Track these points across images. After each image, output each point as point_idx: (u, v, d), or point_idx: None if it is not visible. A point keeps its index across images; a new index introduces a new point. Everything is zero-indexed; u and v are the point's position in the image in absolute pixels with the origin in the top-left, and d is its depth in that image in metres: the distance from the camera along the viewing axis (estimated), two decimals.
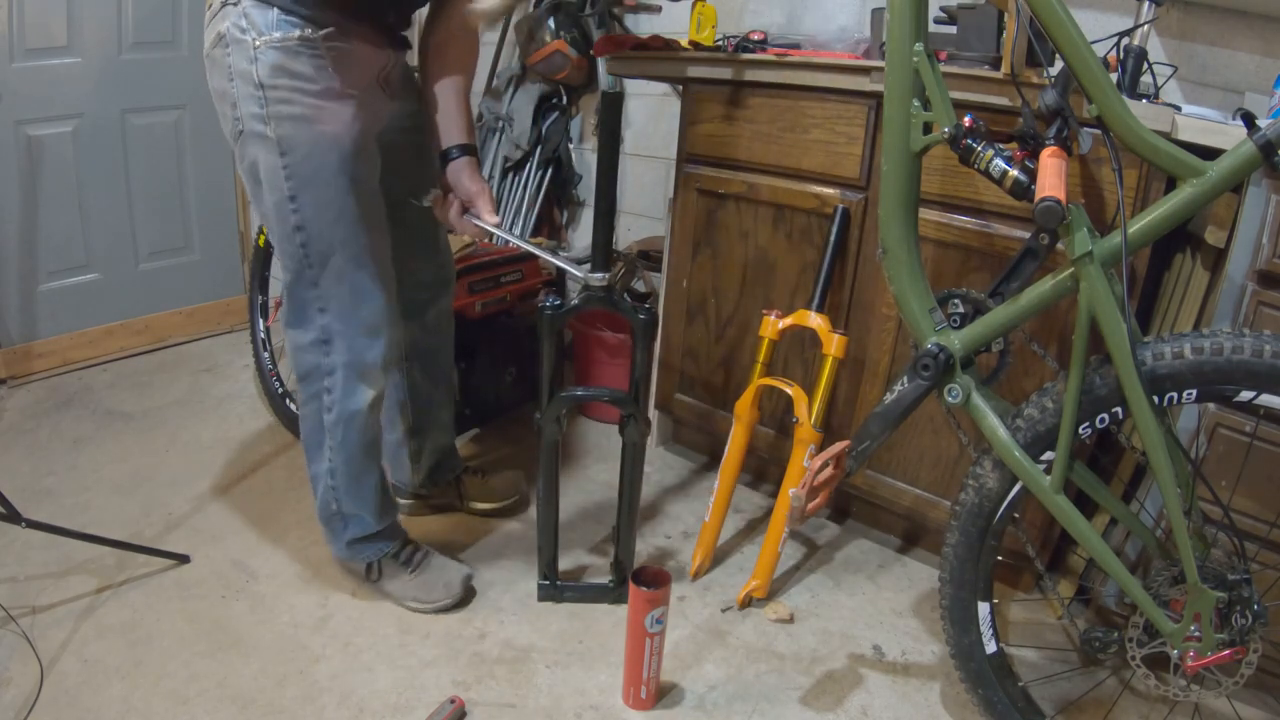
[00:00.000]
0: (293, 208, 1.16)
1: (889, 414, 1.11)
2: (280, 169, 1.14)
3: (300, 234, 1.18)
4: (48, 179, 2.15)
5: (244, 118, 1.13)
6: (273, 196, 1.16)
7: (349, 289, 1.22)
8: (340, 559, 1.43)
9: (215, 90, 1.16)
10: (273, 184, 1.15)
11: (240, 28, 1.08)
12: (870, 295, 1.53)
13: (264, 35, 1.08)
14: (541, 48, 2.41)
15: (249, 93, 1.11)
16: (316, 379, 1.28)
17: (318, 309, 1.23)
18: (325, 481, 1.35)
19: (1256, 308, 1.14)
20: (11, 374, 2.19)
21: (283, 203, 1.16)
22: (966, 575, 1.10)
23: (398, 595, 1.40)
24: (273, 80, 1.10)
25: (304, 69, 1.11)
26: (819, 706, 1.25)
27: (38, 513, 1.34)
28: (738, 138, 1.62)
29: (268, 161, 1.14)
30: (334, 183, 1.16)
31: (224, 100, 1.15)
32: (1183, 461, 0.99)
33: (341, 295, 1.22)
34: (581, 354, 2.17)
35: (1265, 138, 0.83)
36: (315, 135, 1.13)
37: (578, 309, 1.28)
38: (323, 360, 1.26)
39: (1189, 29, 1.55)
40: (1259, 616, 0.93)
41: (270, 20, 1.08)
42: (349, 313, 1.24)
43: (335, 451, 1.32)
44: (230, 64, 1.10)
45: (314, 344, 1.26)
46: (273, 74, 1.10)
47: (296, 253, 1.19)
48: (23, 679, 1.18)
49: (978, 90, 1.27)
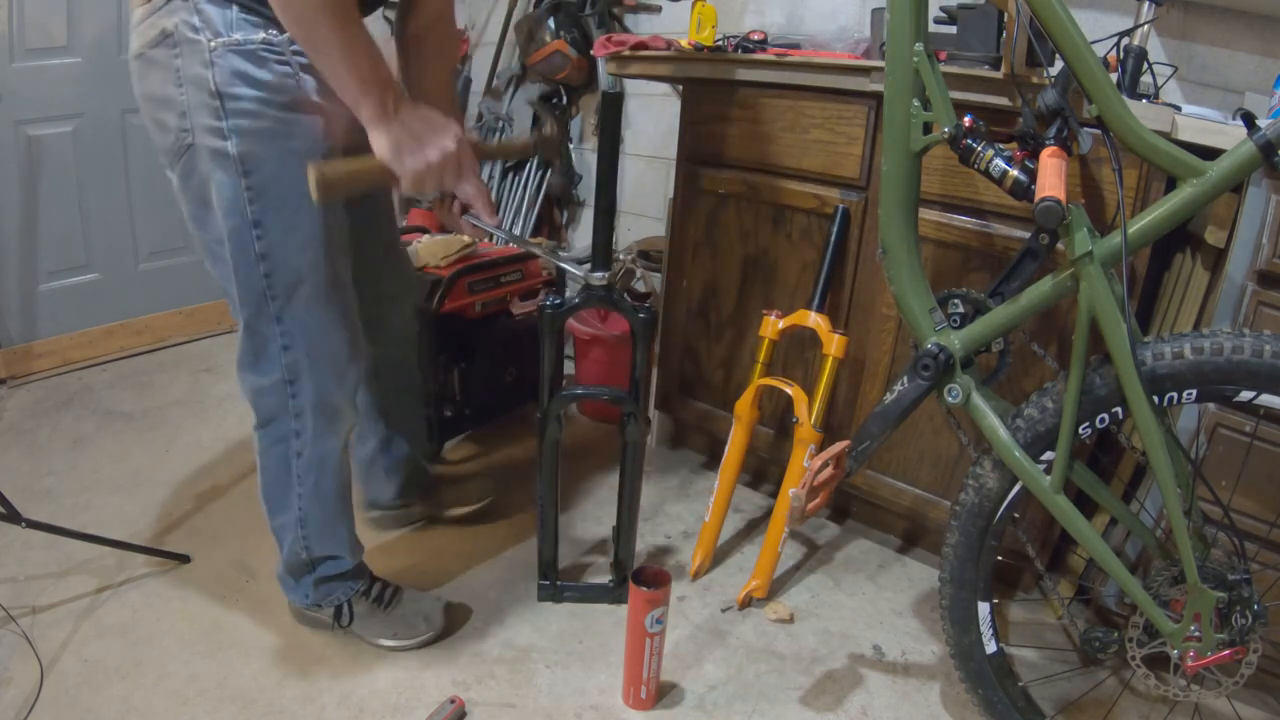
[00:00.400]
0: (257, 234, 1.04)
1: (889, 414, 1.11)
2: (243, 191, 1.01)
3: (264, 263, 1.05)
4: (48, 179, 2.15)
5: (195, 130, 1.00)
6: (231, 221, 1.03)
7: (316, 322, 1.11)
8: (304, 607, 1.31)
9: (153, 96, 1.02)
10: (232, 208, 1.02)
11: (192, 26, 0.95)
12: (870, 295, 1.53)
13: (221, 37, 0.96)
14: (541, 48, 2.41)
15: (203, 102, 0.98)
16: (282, 423, 1.16)
17: (281, 346, 1.11)
18: (295, 532, 1.23)
19: (1256, 308, 1.14)
20: (11, 374, 2.19)
21: (244, 229, 1.03)
22: (966, 575, 1.10)
23: (373, 636, 1.31)
24: (232, 88, 0.97)
25: (268, 77, 0.99)
26: (819, 706, 1.25)
27: (38, 513, 1.34)
28: (738, 138, 1.62)
29: (225, 182, 1.01)
30: (303, 206, 1.01)
31: (166, 108, 1.01)
32: (1183, 461, 0.99)
33: (308, 329, 1.11)
34: (582, 354, 2.17)
35: (1265, 138, 0.83)
36: (283, 152, 1.01)
37: (578, 307, 1.28)
38: (289, 402, 1.15)
39: (1189, 29, 1.55)
40: (1259, 616, 0.93)
41: (229, 20, 0.96)
42: (316, 348, 1.12)
43: (307, 499, 1.21)
44: (179, 67, 0.97)
45: (277, 385, 1.14)
46: (232, 81, 0.97)
47: (258, 284, 1.07)
48: (23, 679, 1.18)
49: (978, 90, 1.27)
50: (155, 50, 0.98)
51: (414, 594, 1.37)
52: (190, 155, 1.03)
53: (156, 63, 0.99)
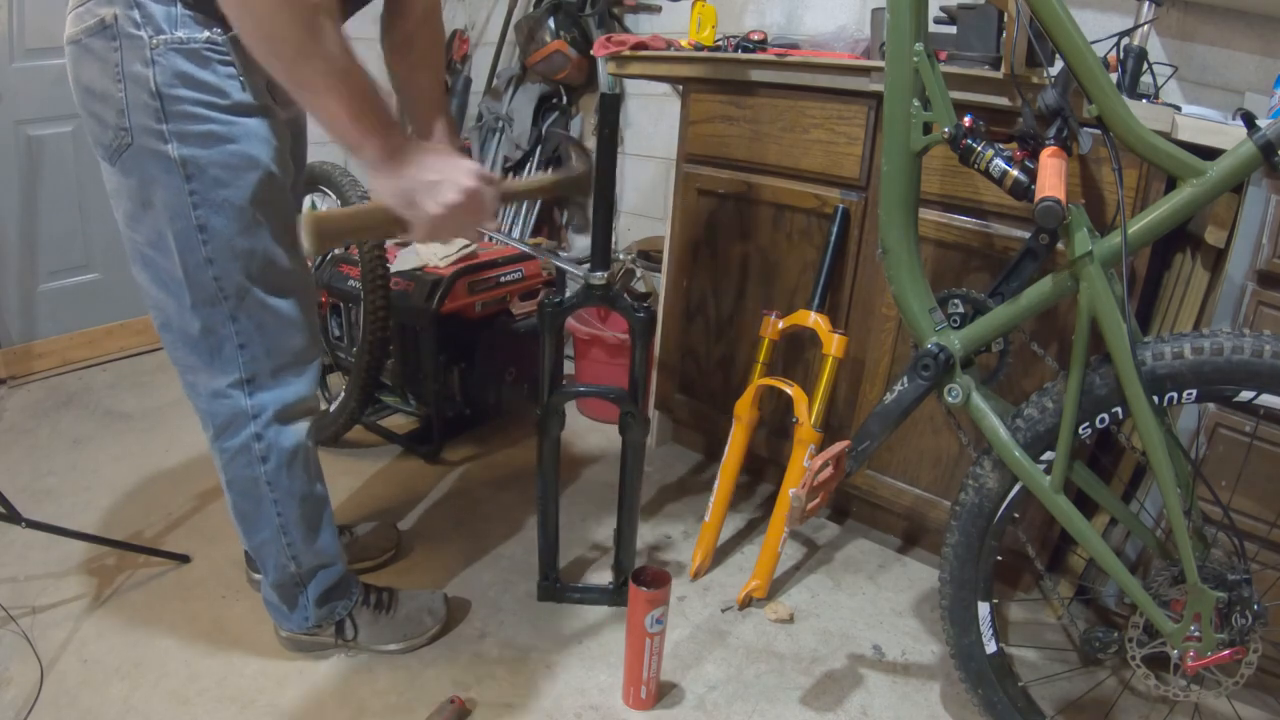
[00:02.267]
0: (203, 238, 0.99)
1: (889, 414, 1.11)
2: (186, 194, 0.97)
3: (212, 266, 1.01)
4: (48, 179, 2.16)
5: (134, 130, 0.95)
6: (175, 225, 0.98)
7: (272, 317, 1.07)
8: (303, 632, 1.26)
9: (89, 88, 0.96)
10: (175, 211, 0.98)
11: (133, 21, 0.90)
12: (870, 295, 1.53)
13: (162, 34, 0.91)
14: (541, 48, 2.41)
15: (143, 102, 0.93)
16: (240, 427, 1.11)
17: (237, 345, 1.07)
18: (278, 544, 1.17)
19: (1256, 308, 1.14)
20: (11, 374, 2.19)
21: (189, 233, 0.98)
22: (966, 575, 1.10)
23: (382, 644, 1.28)
24: (173, 90, 0.92)
25: (212, 79, 0.94)
26: (819, 706, 1.25)
27: (38, 513, 1.34)
28: (738, 138, 1.62)
29: (167, 184, 0.97)
30: (249, 208, 0.99)
31: (104, 103, 0.95)
32: (1183, 461, 0.99)
33: (264, 325, 1.07)
34: (581, 354, 2.17)
35: (1265, 138, 0.83)
36: (228, 157, 0.97)
37: (577, 305, 1.28)
38: (246, 403, 1.10)
39: (1189, 29, 1.55)
40: (1259, 616, 0.93)
41: (172, 16, 0.91)
42: (274, 344, 1.09)
43: (284, 504, 1.16)
44: (119, 61, 0.92)
45: (234, 385, 1.09)
46: (174, 82, 0.92)
47: (208, 286, 1.02)
48: (23, 679, 1.18)
49: (978, 90, 1.27)
50: (92, 40, 0.92)
51: (409, 591, 1.36)
52: (130, 155, 0.97)
53: (93, 53, 0.93)
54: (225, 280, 1.02)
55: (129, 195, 1.01)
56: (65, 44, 0.96)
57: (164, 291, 1.05)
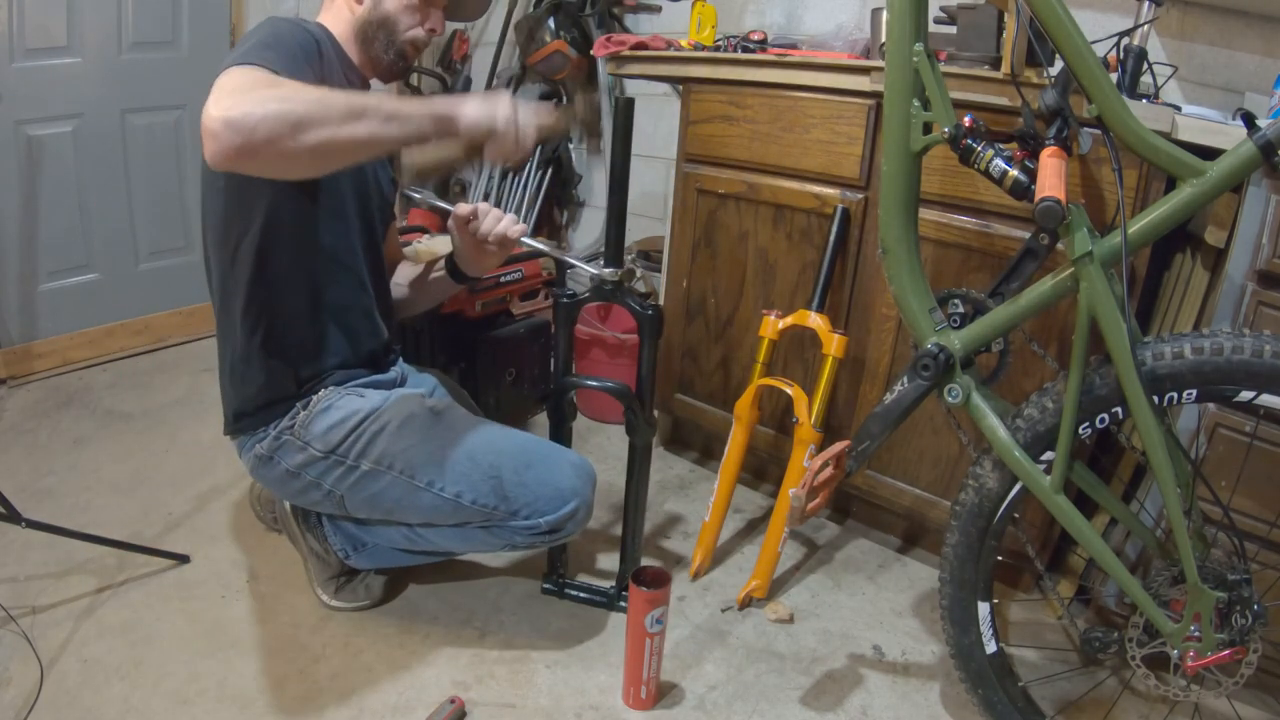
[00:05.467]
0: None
1: (889, 414, 1.11)
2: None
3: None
4: (48, 179, 2.15)
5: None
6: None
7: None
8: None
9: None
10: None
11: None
12: (870, 295, 1.53)
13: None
14: (541, 48, 2.41)
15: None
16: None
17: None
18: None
19: (1256, 308, 1.14)
20: (11, 374, 2.19)
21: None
22: (966, 575, 1.10)
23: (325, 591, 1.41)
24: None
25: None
26: (819, 706, 1.25)
27: (38, 513, 1.33)
28: (738, 138, 1.62)
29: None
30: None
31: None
32: (1183, 461, 0.99)
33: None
34: (581, 354, 2.17)
35: (1265, 138, 0.83)
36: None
37: (588, 300, 1.29)
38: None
39: (1189, 29, 1.54)
40: (1259, 616, 0.93)
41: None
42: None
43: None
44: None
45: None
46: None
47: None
48: (23, 679, 1.18)
49: (978, 90, 1.27)
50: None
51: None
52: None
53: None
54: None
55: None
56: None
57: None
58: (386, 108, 0.92)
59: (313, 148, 0.86)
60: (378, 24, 1.20)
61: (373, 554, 1.36)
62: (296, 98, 0.86)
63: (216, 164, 0.83)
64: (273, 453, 1.23)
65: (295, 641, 1.30)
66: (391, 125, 0.93)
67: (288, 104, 0.84)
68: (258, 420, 1.24)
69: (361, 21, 1.20)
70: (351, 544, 1.35)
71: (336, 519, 1.35)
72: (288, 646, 1.29)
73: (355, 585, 1.39)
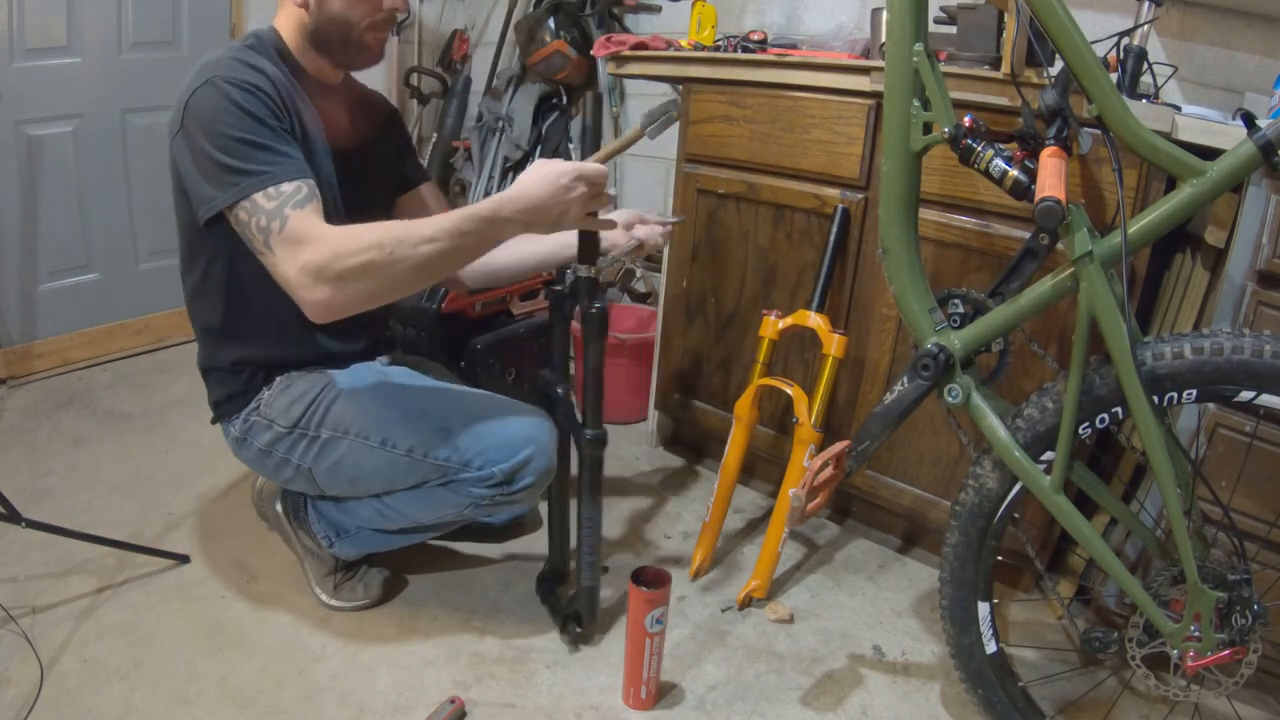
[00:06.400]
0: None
1: (889, 414, 1.11)
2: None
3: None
4: (48, 179, 2.15)
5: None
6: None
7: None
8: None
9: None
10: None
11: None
12: (870, 295, 1.53)
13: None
14: (541, 48, 2.41)
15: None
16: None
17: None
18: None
19: (1256, 308, 1.14)
20: (11, 374, 2.19)
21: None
22: (966, 575, 1.10)
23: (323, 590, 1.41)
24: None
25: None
26: (819, 706, 1.25)
27: (38, 513, 1.33)
28: (738, 138, 1.62)
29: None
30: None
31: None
32: (1183, 461, 0.99)
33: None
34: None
35: (1265, 138, 0.83)
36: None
37: (577, 294, 1.22)
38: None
39: (1189, 29, 1.54)
40: (1259, 616, 0.93)
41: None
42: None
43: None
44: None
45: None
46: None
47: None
48: (23, 679, 1.18)
49: (978, 90, 1.27)
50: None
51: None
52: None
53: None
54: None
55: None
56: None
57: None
58: (463, 229, 1.05)
59: (384, 299, 1.06)
60: (329, 27, 1.17)
61: (356, 540, 1.36)
62: (370, 273, 1.02)
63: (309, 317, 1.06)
64: (245, 434, 1.27)
65: (295, 641, 1.30)
66: (462, 249, 1.06)
67: (363, 283, 1.02)
68: (232, 406, 1.28)
69: (311, 28, 1.17)
70: (334, 530, 1.36)
71: (319, 506, 1.37)
72: (288, 646, 1.29)
73: (354, 584, 1.39)
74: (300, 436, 1.23)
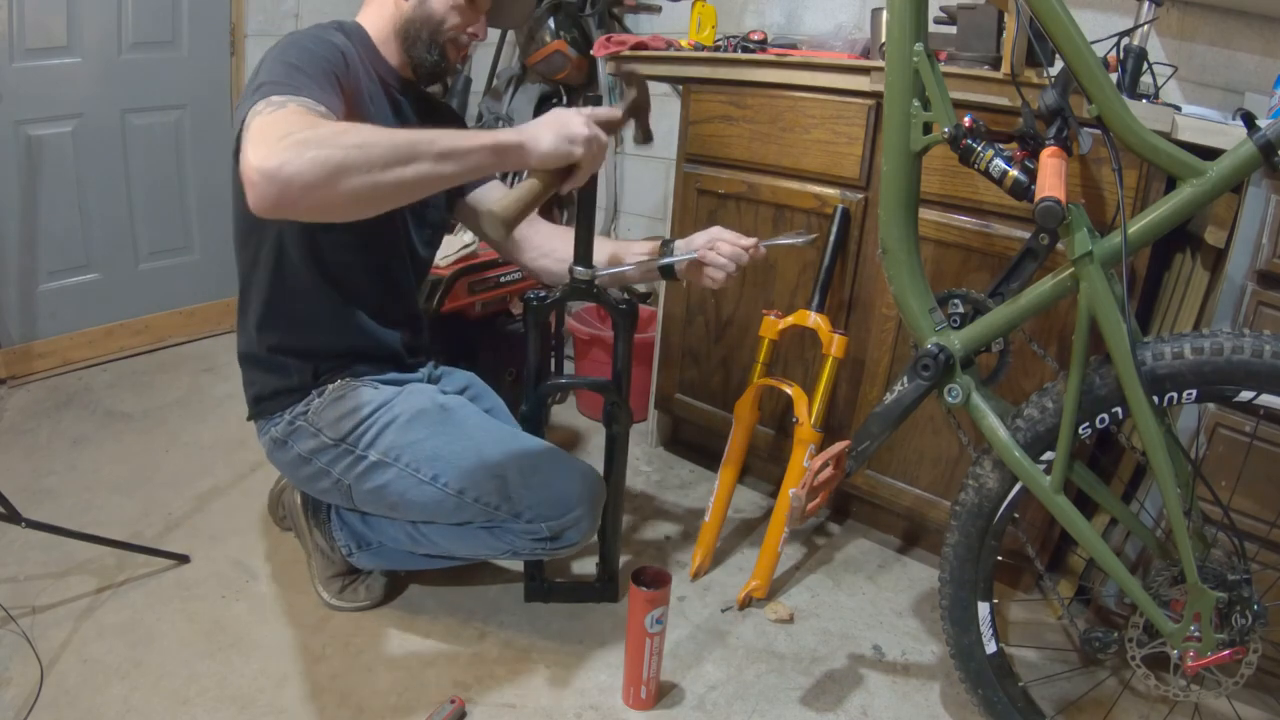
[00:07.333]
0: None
1: (889, 414, 1.11)
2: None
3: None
4: (48, 179, 2.15)
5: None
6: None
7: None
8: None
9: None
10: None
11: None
12: (870, 295, 1.53)
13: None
14: (541, 48, 2.41)
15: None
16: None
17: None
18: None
19: (1256, 308, 1.14)
20: (11, 374, 2.18)
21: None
22: (966, 575, 1.10)
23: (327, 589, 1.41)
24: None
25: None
26: (819, 706, 1.25)
27: (38, 513, 1.33)
28: (738, 138, 1.62)
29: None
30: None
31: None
32: (1183, 461, 0.99)
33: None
34: (581, 354, 2.17)
35: (1265, 138, 0.83)
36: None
37: (560, 301, 1.28)
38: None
39: (1189, 29, 1.54)
40: (1259, 616, 0.93)
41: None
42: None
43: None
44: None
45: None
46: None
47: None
48: (23, 679, 1.18)
49: (978, 90, 1.27)
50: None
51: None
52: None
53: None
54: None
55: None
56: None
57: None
58: (440, 144, 0.90)
59: (354, 194, 0.83)
60: (421, 22, 1.20)
61: (376, 553, 1.36)
62: (336, 143, 0.83)
63: (258, 213, 0.82)
64: (286, 437, 1.25)
65: (295, 641, 1.30)
66: (446, 163, 0.91)
67: (326, 150, 0.81)
68: (275, 405, 1.26)
69: (405, 19, 1.20)
70: (356, 541, 1.36)
71: (344, 515, 1.36)
72: (288, 646, 1.29)
73: (357, 586, 1.39)
74: (346, 452, 1.21)
